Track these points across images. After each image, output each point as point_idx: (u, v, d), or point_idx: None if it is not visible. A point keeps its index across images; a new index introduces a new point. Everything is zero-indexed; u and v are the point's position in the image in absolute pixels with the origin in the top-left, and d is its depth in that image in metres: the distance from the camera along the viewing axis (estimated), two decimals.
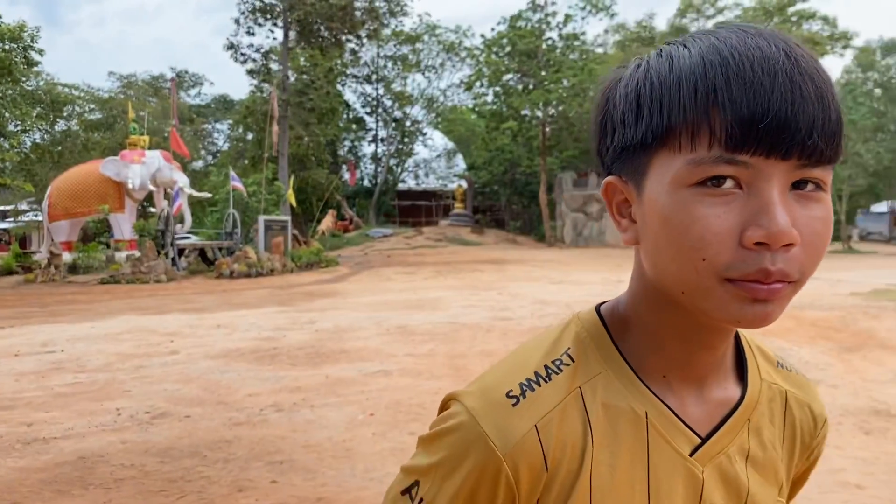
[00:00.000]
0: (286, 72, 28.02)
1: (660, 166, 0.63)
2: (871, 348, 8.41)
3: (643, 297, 0.71)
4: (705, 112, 0.60)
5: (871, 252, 36.18)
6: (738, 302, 0.61)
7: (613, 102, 0.69)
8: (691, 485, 0.71)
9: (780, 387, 0.79)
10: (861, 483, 4.33)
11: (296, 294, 15.42)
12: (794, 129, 0.58)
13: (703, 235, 0.59)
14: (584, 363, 0.72)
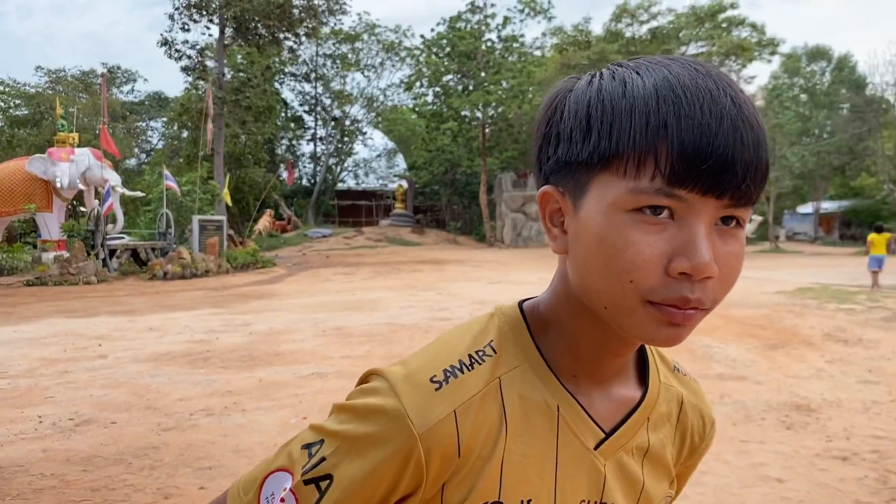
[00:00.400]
0: (222, 69, 27.49)
1: (600, 187, 0.66)
2: (795, 345, 8.71)
3: (564, 302, 0.75)
4: (653, 145, 0.62)
5: (796, 252, 37.51)
6: (655, 323, 0.65)
7: (561, 114, 0.71)
8: (594, 477, 0.76)
9: (677, 390, 0.86)
10: (781, 476, 4.47)
11: (231, 295, 15.15)
12: (732, 172, 0.62)
13: (634, 260, 0.63)
14: (505, 355, 0.75)
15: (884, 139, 38.66)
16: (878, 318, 10.66)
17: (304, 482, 0.70)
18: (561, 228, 0.72)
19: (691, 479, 3.43)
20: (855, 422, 5.60)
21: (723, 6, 31.47)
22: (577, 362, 0.76)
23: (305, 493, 0.71)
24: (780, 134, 38.36)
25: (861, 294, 13.80)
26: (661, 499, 0.83)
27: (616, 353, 0.75)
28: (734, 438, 5.23)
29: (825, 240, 48.49)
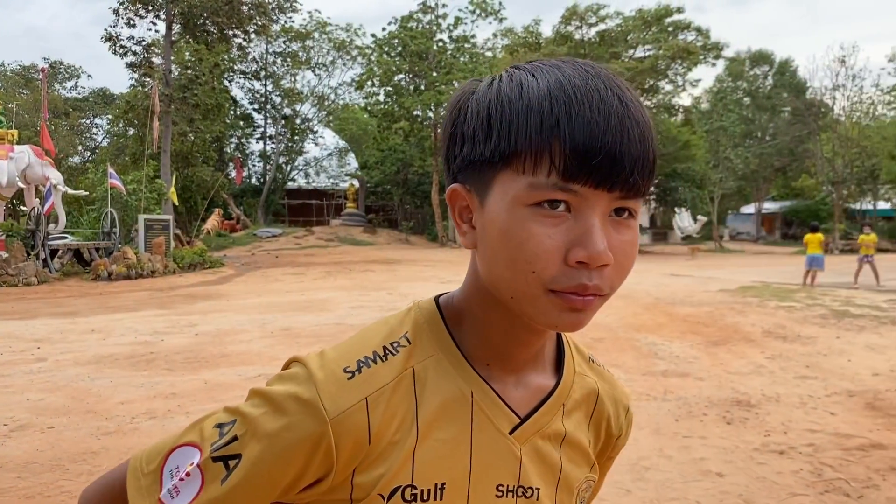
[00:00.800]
0: (169, 66, 26.92)
1: (503, 184, 0.70)
2: (736, 342, 8.92)
3: (476, 295, 0.79)
4: (548, 143, 0.67)
5: (739, 251, 38.44)
6: (557, 310, 0.69)
7: (465, 115, 0.74)
8: (510, 461, 0.79)
9: (592, 379, 0.90)
10: (722, 471, 4.58)
11: (177, 296, 14.88)
12: (620, 167, 0.67)
13: (535, 251, 0.67)
14: (420, 346, 0.78)
15: (822, 142, 39.86)
16: (816, 315, 10.99)
17: (213, 459, 0.72)
18: (470, 224, 0.76)
19: (635, 475, 3.48)
20: (792, 416, 5.76)
21: (669, 10, 32.06)
22: (489, 351, 0.79)
23: (213, 470, 0.72)
24: (724, 136, 39.29)
25: (800, 292, 14.21)
26: (582, 482, 0.86)
27: (525, 341, 0.79)
28: (677, 434, 5.34)
29: (767, 239, 49.84)
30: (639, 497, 4.14)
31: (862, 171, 38.80)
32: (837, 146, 38.07)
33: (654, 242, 45.29)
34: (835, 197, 38.47)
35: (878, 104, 46.51)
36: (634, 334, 9.45)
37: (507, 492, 0.79)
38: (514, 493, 0.79)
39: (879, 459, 4.75)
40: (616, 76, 0.72)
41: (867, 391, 6.51)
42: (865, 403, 6.12)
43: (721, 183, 38.99)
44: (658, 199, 40.73)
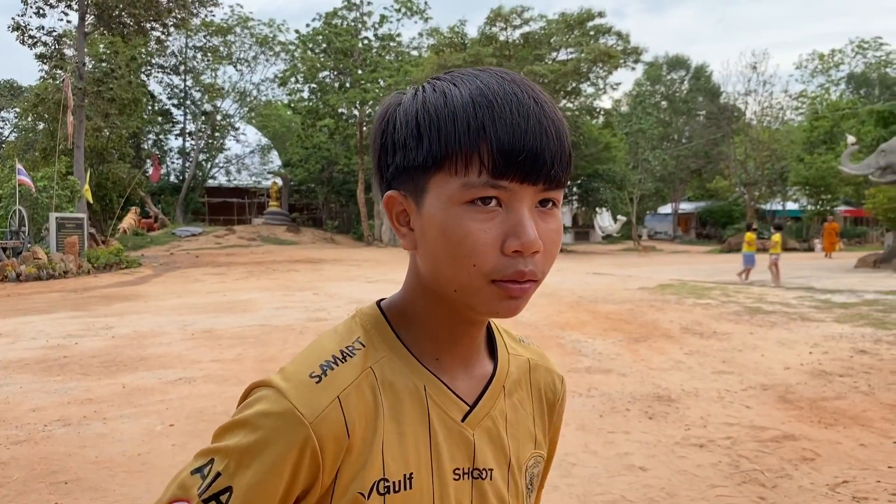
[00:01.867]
0: (83, 58, 25.82)
1: (437, 186, 0.76)
2: (656, 338, 9.17)
3: (419, 294, 0.84)
4: (476, 145, 0.73)
5: (657, 250, 39.55)
6: (498, 299, 0.76)
7: (394, 126, 0.80)
8: (465, 446, 0.84)
9: (524, 356, 0.97)
10: (645, 465, 4.69)
11: (92, 298, 14.33)
12: (542, 161, 0.74)
13: (473, 246, 0.73)
14: (373, 348, 0.83)
15: (735, 144, 41.45)
16: (731, 312, 11.40)
17: (204, 502, 0.73)
18: (408, 227, 0.81)
19: (561, 471, 3.52)
20: (711, 410, 5.96)
21: (591, 14, 32.70)
22: (437, 345, 0.85)
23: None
24: (642, 138, 40.39)
25: (716, 290, 14.72)
26: (529, 458, 0.92)
27: (468, 333, 0.85)
28: (602, 430, 5.45)
29: (683, 238, 51.48)
30: (566, 493, 4.21)
31: (772, 173, 40.52)
32: (749, 149, 39.66)
33: (576, 241, 46.19)
34: (747, 198, 40.04)
35: (787, 109, 48.74)
36: (559, 332, 9.61)
37: (464, 474, 0.84)
38: (469, 475, 0.84)
39: (791, 450, 4.96)
40: (529, 81, 0.79)
41: (779, 384, 6.79)
42: (778, 396, 6.38)
43: (640, 184, 40.06)
44: (580, 199, 41.52)
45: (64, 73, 24.63)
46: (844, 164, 22.62)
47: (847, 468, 4.61)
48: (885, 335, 9.14)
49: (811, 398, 6.30)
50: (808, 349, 8.36)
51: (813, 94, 54.83)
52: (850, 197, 38.64)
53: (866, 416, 5.76)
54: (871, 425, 5.52)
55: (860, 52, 57.30)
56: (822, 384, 6.78)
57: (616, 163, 38.41)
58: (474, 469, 0.85)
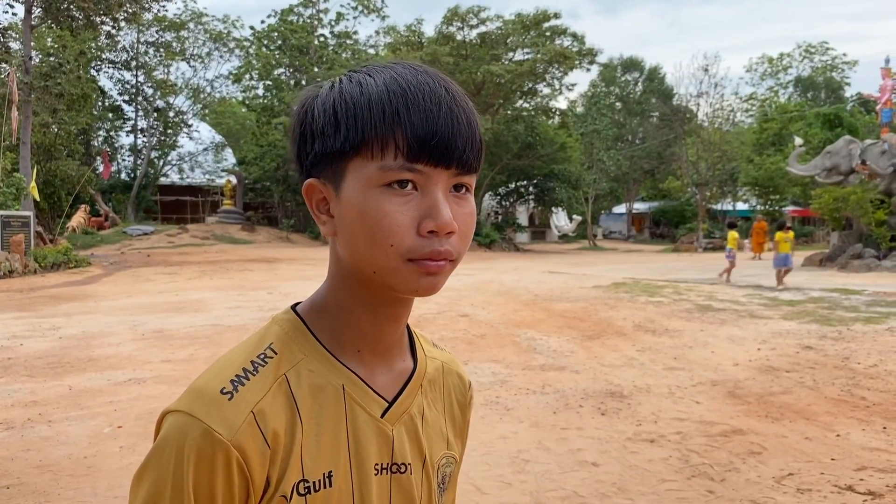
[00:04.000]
0: (29, 52, 25.11)
1: (355, 171, 0.79)
2: (609, 336, 9.29)
3: (340, 283, 0.86)
4: (391, 130, 0.77)
5: (612, 249, 40.09)
6: (416, 276, 0.78)
7: (312, 115, 0.82)
8: (384, 441, 0.86)
9: (438, 360, 1.00)
10: (597, 461, 4.75)
11: (38, 298, 13.95)
12: (454, 146, 0.78)
13: (391, 226, 0.76)
14: (288, 354, 0.83)
15: (687, 146, 42.20)
16: (682, 309, 11.60)
17: None
18: (328, 214, 0.83)
19: (515, 468, 3.54)
20: (661, 406, 6.05)
21: (547, 15, 32.93)
22: (359, 336, 0.86)
23: None
24: (597, 139, 40.84)
25: (668, 288, 14.95)
26: (441, 458, 0.95)
27: (392, 317, 0.87)
28: (555, 426, 5.49)
29: (637, 238, 52.20)
30: (519, 489, 4.23)
31: (723, 173, 41.36)
32: (701, 150, 40.38)
33: (533, 241, 46.51)
34: (699, 198, 40.77)
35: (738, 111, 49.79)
36: (515, 330, 9.66)
37: (382, 469, 0.86)
38: (388, 470, 0.86)
39: (739, 444, 5.07)
40: (442, 73, 0.83)
41: (728, 380, 6.93)
42: (727, 392, 6.51)
43: (595, 184, 40.51)
44: (536, 198, 41.83)
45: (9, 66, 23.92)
46: (792, 165, 23.21)
47: (792, 461, 4.73)
48: (829, 331, 9.40)
49: (759, 393, 6.45)
50: (756, 345, 8.55)
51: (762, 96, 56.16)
52: (797, 197, 39.61)
53: (811, 410, 5.92)
54: (815, 419, 5.66)
55: (807, 57, 58.84)
56: (769, 379, 6.94)
57: (571, 163, 38.77)
58: (393, 464, 0.87)
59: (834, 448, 4.98)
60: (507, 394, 6.43)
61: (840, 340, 8.78)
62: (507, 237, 37.13)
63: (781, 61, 59.25)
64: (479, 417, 5.70)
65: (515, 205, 43.32)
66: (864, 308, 11.59)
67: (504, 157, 35.33)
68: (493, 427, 5.47)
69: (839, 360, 7.70)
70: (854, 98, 48.03)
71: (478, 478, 4.41)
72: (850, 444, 5.07)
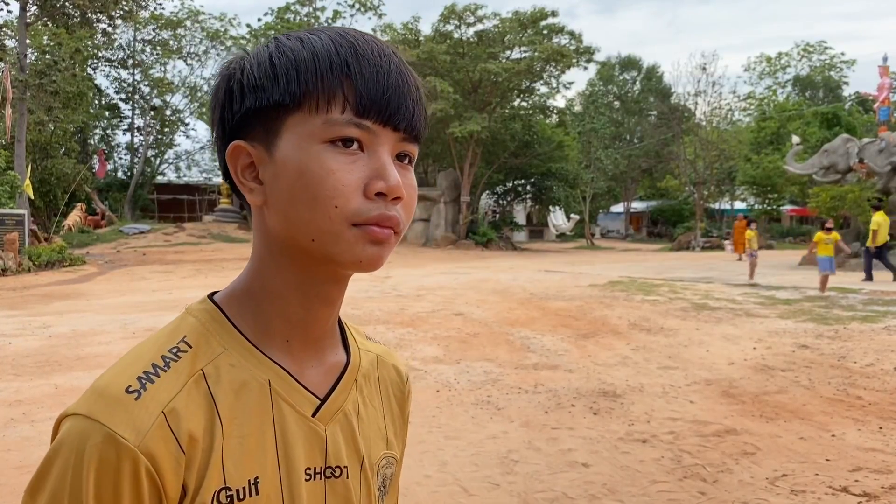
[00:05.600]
0: (24, 49, 25.02)
1: (295, 126, 0.72)
2: (604, 334, 9.21)
3: (269, 262, 0.77)
4: (339, 82, 0.71)
5: (609, 248, 40.02)
6: (361, 243, 0.71)
7: (242, 70, 0.75)
8: (316, 442, 0.78)
9: (372, 353, 0.92)
10: (588, 461, 4.67)
11: (31, 296, 13.87)
12: (405, 105, 0.73)
13: (335, 186, 0.70)
14: (204, 347, 0.74)
15: (685, 145, 42.10)
16: (678, 308, 11.53)
17: None
18: (256, 181, 0.75)
19: (503, 469, 3.44)
20: (655, 405, 5.98)
21: (544, 14, 32.82)
22: (288, 323, 0.78)
23: None
24: (595, 138, 40.76)
25: (664, 286, 14.88)
26: (381, 458, 0.87)
27: (326, 299, 0.79)
28: (546, 426, 5.42)
29: (634, 237, 52.15)
30: (507, 490, 4.16)
31: (721, 172, 41.27)
32: (699, 149, 40.30)
33: (530, 239, 46.44)
34: (696, 197, 40.71)
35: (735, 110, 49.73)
36: (509, 328, 9.59)
37: (315, 474, 0.78)
38: (321, 475, 0.78)
39: (733, 444, 4.99)
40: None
41: (723, 379, 6.85)
42: (722, 391, 6.44)
43: (592, 183, 40.42)
44: (533, 197, 41.75)
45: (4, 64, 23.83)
46: (790, 163, 23.14)
47: (786, 461, 4.66)
48: (825, 330, 9.32)
49: (754, 392, 6.38)
50: (752, 344, 8.48)
51: (760, 95, 56.10)
52: (795, 196, 39.56)
53: (806, 409, 5.84)
54: (810, 419, 5.59)
55: (806, 56, 58.78)
56: (764, 379, 6.87)
57: (569, 161, 38.68)
58: (327, 467, 0.79)
59: (829, 448, 4.91)
60: (498, 393, 6.36)
61: (836, 339, 8.71)
62: (505, 236, 37.04)
63: (780, 60, 59.21)
64: (469, 417, 5.63)
65: (513, 203, 43.22)
66: (860, 307, 11.52)
67: (501, 156, 35.24)
68: (483, 427, 5.39)
69: (835, 360, 7.63)
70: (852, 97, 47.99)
71: (465, 479, 4.33)
72: (845, 444, 5.00)
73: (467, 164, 33.72)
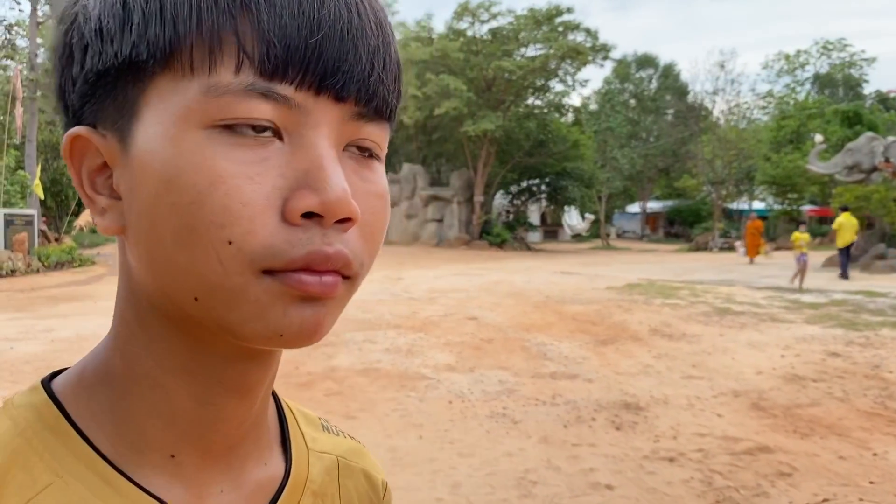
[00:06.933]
0: (35, 49, 24.96)
1: (160, 100, 0.42)
2: (624, 341, 8.85)
3: (134, 325, 0.48)
4: (231, 18, 0.41)
5: (625, 248, 39.57)
6: (280, 304, 0.42)
7: (81, 18, 0.44)
8: None
9: (331, 455, 0.61)
10: (611, 482, 4.34)
11: (38, 298, 13.67)
12: (354, 56, 0.43)
13: (228, 205, 0.40)
14: (18, 476, 0.43)
15: (703, 143, 41.55)
16: (700, 313, 11.14)
17: None
18: (111, 194, 0.46)
19: (521, 491, 3.04)
20: (680, 419, 5.63)
21: (559, 10, 32.44)
22: (173, 428, 0.48)
23: None
24: (611, 137, 40.32)
25: (684, 289, 14.49)
26: None
27: (236, 387, 0.48)
28: (566, 442, 5.09)
29: (651, 237, 51.64)
30: None
31: (739, 172, 40.68)
32: (717, 148, 39.75)
33: (545, 240, 46.05)
34: (714, 197, 40.17)
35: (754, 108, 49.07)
36: (524, 334, 9.25)
37: None
38: None
39: (767, 464, 4.65)
40: None
41: (752, 391, 6.49)
42: (751, 403, 6.08)
43: (608, 182, 39.98)
44: (548, 197, 41.35)
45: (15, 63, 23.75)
46: (813, 162, 22.64)
47: (826, 484, 4.31)
48: (856, 337, 8.92)
49: (785, 405, 6.01)
50: (779, 352, 8.10)
51: (779, 93, 55.37)
52: (815, 196, 38.94)
53: (843, 424, 5.48)
54: (848, 435, 5.23)
55: (825, 53, 57.96)
56: (795, 390, 6.50)
57: (584, 161, 38.23)
58: None
59: (872, 469, 4.55)
60: (514, 405, 6.02)
61: (868, 347, 8.31)
62: (519, 236, 36.68)
63: (798, 58, 58.43)
64: (483, 431, 5.30)
65: (527, 203, 42.81)
66: (890, 311, 11.09)
67: (515, 155, 34.88)
68: (498, 443, 5.06)
69: (869, 369, 7.24)
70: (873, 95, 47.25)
71: (480, 502, 4.01)
72: (888, 464, 4.64)
73: (481, 163, 33.38)
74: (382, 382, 6.56)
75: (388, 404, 5.93)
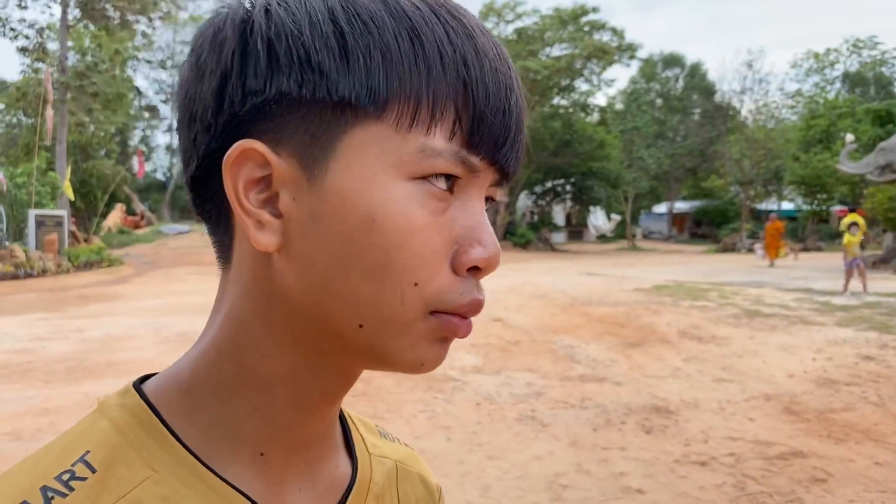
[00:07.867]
0: (65, 51, 25.32)
1: (365, 144, 0.44)
2: (652, 343, 8.77)
3: (259, 334, 0.49)
4: (455, 88, 0.45)
5: (652, 249, 39.26)
6: (429, 341, 0.48)
7: (276, 30, 0.44)
8: None
9: (390, 459, 0.64)
10: (642, 487, 4.30)
11: (68, 297, 13.86)
12: (519, 136, 0.49)
13: (421, 252, 0.45)
14: (119, 470, 0.46)
15: (731, 143, 41.13)
16: (729, 315, 11.01)
17: None
18: (271, 210, 0.47)
19: (551, 495, 3.01)
20: (712, 423, 5.56)
21: (585, 10, 32.31)
22: (267, 428, 0.50)
23: None
24: (637, 136, 40.03)
25: (713, 291, 14.33)
26: None
27: (331, 394, 0.52)
28: (595, 446, 5.05)
29: (678, 238, 51.14)
30: None
31: (767, 172, 40.21)
32: (745, 148, 39.32)
33: (569, 241, 45.84)
34: (742, 197, 39.74)
35: (783, 108, 48.45)
36: (551, 336, 9.20)
37: None
38: None
39: (801, 469, 4.57)
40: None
41: (783, 394, 6.39)
42: (783, 407, 5.99)
43: (634, 182, 39.70)
44: (574, 197, 41.16)
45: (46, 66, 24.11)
46: (843, 162, 22.27)
47: (863, 490, 4.23)
48: (890, 340, 8.76)
49: (818, 409, 5.92)
50: (811, 355, 7.97)
51: (808, 93, 54.61)
52: (845, 196, 38.35)
53: (878, 430, 5.38)
54: (884, 440, 5.13)
55: (855, 52, 57.04)
56: (828, 394, 6.40)
57: (610, 161, 38.01)
58: None
59: None
60: (543, 407, 5.99)
61: None
62: (543, 237, 36.54)
63: (828, 57, 57.57)
64: (512, 434, 5.28)
65: (552, 204, 42.64)
66: None
67: (540, 155, 34.76)
68: (527, 446, 5.03)
69: None
70: None
71: None
72: None
73: None
74: (409, 384, 6.55)
75: (415, 406, 5.92)
